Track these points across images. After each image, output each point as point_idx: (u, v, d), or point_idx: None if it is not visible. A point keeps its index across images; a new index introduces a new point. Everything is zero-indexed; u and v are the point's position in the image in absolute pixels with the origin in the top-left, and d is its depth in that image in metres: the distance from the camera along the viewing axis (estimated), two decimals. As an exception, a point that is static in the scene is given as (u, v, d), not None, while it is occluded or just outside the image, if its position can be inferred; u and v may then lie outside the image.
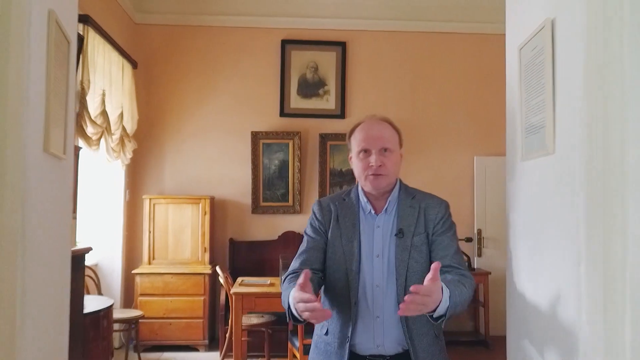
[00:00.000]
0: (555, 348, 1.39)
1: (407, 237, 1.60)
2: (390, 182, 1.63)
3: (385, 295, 1.58)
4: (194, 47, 4.99)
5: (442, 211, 1.62)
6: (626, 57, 1.01)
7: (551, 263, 1.39)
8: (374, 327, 1.58)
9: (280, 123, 5.01)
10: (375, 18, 5.01)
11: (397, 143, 1.65)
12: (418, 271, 1.56)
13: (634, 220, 0.97)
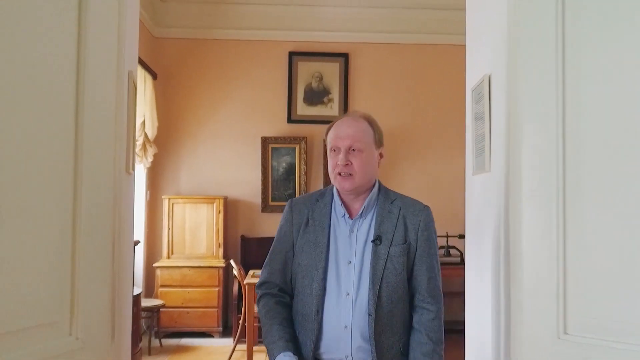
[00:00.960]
0: (494, 333, 1.84)
1: (385, 245, 1.53)
2: (359, 184, 1.55)
3: (355, 305, 1.52)
4: (208, 59, 5.48)
5: (423, 219, 1.56)
6: (527, 109, 1.47)
7: (488, 259, 1.86)
8: (342, 337, 1.53)
9: (288, 129, 5.50)
10: (376, 31, 5.46)
11: (372, 142, 1.58)
12: (393, 283, 1.52)
13: (529, 220, 1.44)
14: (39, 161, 1.20)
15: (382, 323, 1.52)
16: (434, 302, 1.54)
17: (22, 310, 1.16)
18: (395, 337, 1.54)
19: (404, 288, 1.55)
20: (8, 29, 1.13)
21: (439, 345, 1.53)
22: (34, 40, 1.19)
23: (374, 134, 1.59)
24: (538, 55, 1.41)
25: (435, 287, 1.56)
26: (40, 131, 1.20)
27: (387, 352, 1.53)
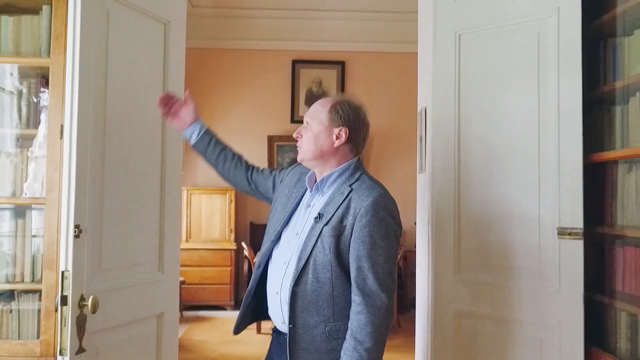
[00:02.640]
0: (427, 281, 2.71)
1: (322, 223, 1.56)
2: (304, 157, 1.67)
3: (286, 274, 1.59)
4: (221, 66, 6.38)
5: (366, 204, 1.53)
6: (437, 132, 2.35)
7: (425, 234, 2.73)
8: (275, 302, 1.62)
9: (291, 128, 6.38)
10: (369, 42, 6.33)
11: (324, 119, 1.63)
12: (320, 262, 1.54)
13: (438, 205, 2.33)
14: (146, 162, 2.12)
15: (306, 300, 1.54)
16: (359, 292, 1.50)
17: (138, 254, 2.09)
18: (320, 317, 1.54)
19: (333, 270, 1.53)
20: (131, 74, 2.05)
21: (362, 342, 1.47)
22: (143, 72, 2.11)
23: (333, 114, 1.63)
24: (445, 99, 2.31)
25: (364, 277, 1.50)
26: (146, 139, 2.13)
27: (309, 330, 1.54)
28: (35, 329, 2.10)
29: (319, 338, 1.55)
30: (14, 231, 2.20)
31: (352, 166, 1.67)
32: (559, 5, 2.05)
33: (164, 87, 2.23)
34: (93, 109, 1.87)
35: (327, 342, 1.55)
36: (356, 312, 1.50)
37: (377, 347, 1.49)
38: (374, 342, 1.48)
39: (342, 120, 1.65)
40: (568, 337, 2.02)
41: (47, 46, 2.11)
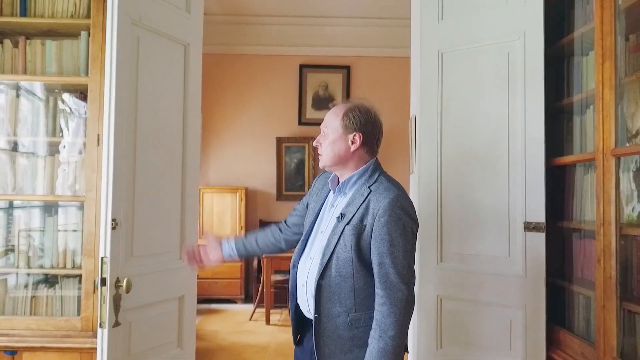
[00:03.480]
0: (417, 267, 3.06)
1: (343, 222, 1.70)
2: (326, 163, 1.80)
3: (312, 269, 1.75)
4: (232, 71, 6.76)
5: (383, 205, 1.65)
6: (424, 138, 2.70)
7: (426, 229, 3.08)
8: (302, 293, 1.80)
9: (299, 130, 6.76)
10: (373, 47, 6.66)
11: (338, 127, 1.76)
12: (342, 258, 1.68)
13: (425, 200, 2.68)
14: (169, 165, 2.50)
15: (329, 291, 1.69)
16: (382, 286, 1.63)
17: (163, 244, 2.47)
18: (342, 308, 1.68)
19: (354, 266, 1.67)
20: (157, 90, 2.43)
21: (386, 331, 1.60)
22: (167, 87, 2.49)
23: (346, 121, 1.76)
24: (430, 108, 2.67)
25: (386, 273, 1.63)
26: (169, 145, 2.50)
27: (333, 320, 1.69)
28: (76, 307, 2.50)
29: (341, 326, 1.69)
30: (54, 225, 2.60)
31: (371, 168, 1.80)
32: (525, 30, 2.39)
33: (184, 99, 2.60)
34: (126, 121, 2.25)
35: (349, 330, 1.69)
36: (380, 304, 1.64)
37: (400, 334, 1.62)
38: (397, 330, 1.62)
39: (355, 126, 1.76)
40: (533, 316, 2.37)
41: (85, 66, 2.50)
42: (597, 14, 2.04)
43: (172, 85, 2.55)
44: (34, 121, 2.61)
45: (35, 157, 2.61)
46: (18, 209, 2.72)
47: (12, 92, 2.60)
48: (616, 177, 1.95)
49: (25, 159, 2.62)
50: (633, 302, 1.95)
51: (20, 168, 2.60)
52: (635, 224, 1.95)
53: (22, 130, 2.60)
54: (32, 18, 2.55)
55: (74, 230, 2.57)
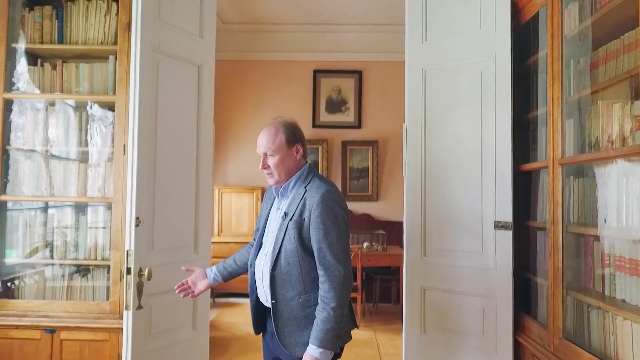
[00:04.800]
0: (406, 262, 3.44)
1: (287, 219, 1.98)
2: (279, 179, 2.03)
3: (265, 263, 2.03)
4: (247, 77, 7.19)
5: (317, 200, 1.92)
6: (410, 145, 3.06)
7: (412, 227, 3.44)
8: (259, 284, 2.07)
9: (313, 133, 7.16)
10: (384, 52, 7.01)
11: (280, 145, 1.98)
12: (289, 249, 1.96)
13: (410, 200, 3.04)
14: (184, 171, 2.93)
15: (281, 279, 1.98)
16: (322, 267, 1.91)
17: (179, 239, 2.89)
18: (294, 292, 1.96)
19: (299, 254, 1.96)
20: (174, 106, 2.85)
21: (328, 303, 1.88)
22: (182, 103, 2.91)
23: (283, 137, 1.99)
24: (415, 120, 3.03)
25: (324, 256, 1.91)
26: (184, 153, 2.93)
27: (287, 303, 1.97)
28: (105, 293, 2.94)
29: (295, 308, 1.96)
30: (86, 223, 3.05)
31: (306, 171, 2.06)
32: (495, 52, 2.74)
33: (198, 112, 3.02)
34: (148, 133, 2.67)
35: (302, 310, 1.96)
36: (321, 282, 1.92)
37: (340, 305, 1.89)
38: (337, 302, 1.88)
39: (294, 138, 2.02)
40: (502, 304, 2.72)
41: (113, 86, 2.94)
42: (549, 42, 2.38)
43: (187, 101, 2.97)
44: (68, 132, 3.06)
45: (69, 163, 3.06)
46: (53, 209, 3.17)
47: (51, 107, 3.06)
48: (562, 183, 2.29)
49: (61, 165, 3.06)
50: (579, 291, 2.28)
51: (57, 173, 3.05)
52: (578, 223, 2.29)
53: (58, 139, 3.05)
54: (68, 45, 3.00)
55: (102, 227, 3.01)
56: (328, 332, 1.87)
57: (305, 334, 1.95)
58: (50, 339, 2.83)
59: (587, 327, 2.21)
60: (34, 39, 3.00)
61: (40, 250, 3.09)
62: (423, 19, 3.01)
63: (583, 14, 2.29)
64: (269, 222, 2.13)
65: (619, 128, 2.05)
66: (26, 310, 2.89)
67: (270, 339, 2.09)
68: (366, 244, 6.14)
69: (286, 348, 1.98)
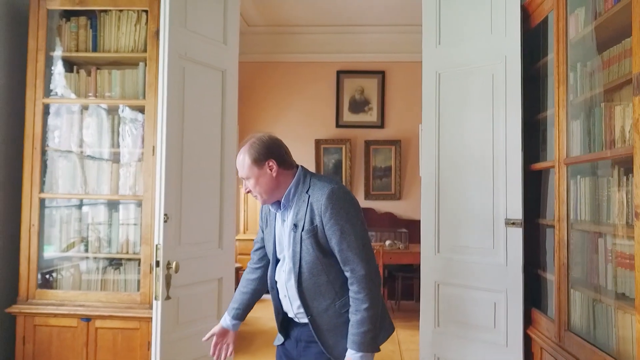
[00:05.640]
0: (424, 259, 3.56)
1: (299, 231, 1.91)
2: (267, 198, 1.97)
3: (289, 279, 1.97)
4: (273, 77, 7.39)
5: (323, 202, 1.86)
6: (425, 145, 3.20)
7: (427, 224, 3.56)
8: (285, 303, 2.03)
9: (336, 132, 7.32)
10: (407, 52, 7.11)
11: (249, 168, 1.93)
12: (310, 260, 1.91)
13: (426, 198, 3.17)
14: (209, 170, 3.12)
15: (311, 291, 1.94)
16: (347, 269, 1.88)
17: (205, 234, 3.09)
18: (327, 300, 1.93)
19: (322, 262, 1.92)
20: (199, 109, 3.05)
21: (360, 305, 1.85)
22: (207, 107, 3.10)
23: (249, 159, 1.93)
24: (430, 121, 3.16)
25: (346, 257, 1.87)
26: (209, 153, 3.12)
27: (324, 313, 1.94)
28: (135, 285, 3.16)
29: (333, 316, 1.93)
30: (118, 219, 3.27)
31: (301, 177, 1.99)
32: (505, 55, 2.86)
33: (222, 115, 3.21)
34: (175, 135, 2.87)
35: (340, 317, 1.93)
36: (350, 284, 1.89)
37: (372, 305, 1.86)
38: (369, 302, 1.85)
39: (263, 156, 1.93)
40: (512, 299, 2.83)
41: (143, 90, 3.16)
42: (555, 46, 2.49)
43: (212, 104, 3.16)
44: (101, 134, 3.29)
45: (102, 162, 3.29)
46: (88, 206, 3.41)
47: (85, 111, 3.29)
48: (567, 182, 2.40)
49: (95, 165, 3.29)
50: (584, 285, 2.39)
51: (91, 172, 3.28)
52: (584, 221, 2.40)
53: (91, 141, 3.28)
54: (101, 53, 3.24)
55: (133, 223, 3.23)
56: (365, 335, 1.84)
57: None
58: (86, 327, 3.06)
59: (592, 320, 2.32)
60: (70, 48, 3.24)
61: (76, 245, 3.33)
62: (437, 24, 3.15)
63: (588, 19, 2.39)
64: (279, 238, 2.06)
65: (620, 129, 2.16)
66: (64, 300, 3.13)
67: (294, 346, 2.08)
68: (388, 242, 6.27)
69: (337, 358, 1.95)
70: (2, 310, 3.11)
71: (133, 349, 3.04)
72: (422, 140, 3.30)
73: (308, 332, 2.00)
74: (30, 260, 3.13)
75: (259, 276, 2.24)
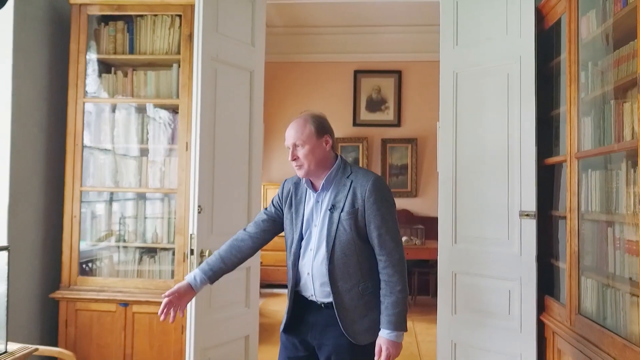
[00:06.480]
0: None
1: (337, 212, 2.00)
2: (309, 169, 2.04)
3: (316, 257, 2.04)
4: (291, 77, 7.59)
5: (368, 188, 1.98)
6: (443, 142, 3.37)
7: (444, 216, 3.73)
8: (307, 281, 2.07)
9: (353, 131, 7.50)
10: (423, 52, 7.27)
11: (310, 136, 2.02)
12: (344, 240, 2.00)
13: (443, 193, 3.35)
14: (238, 165, 3.32)
15: (339, 271, 2.02)
16: (383, 252, 2.00)
17: (234, 225, 3.29)
18: (352, 282, 2.02)
19: (355, 244, 2.02)
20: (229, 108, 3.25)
21: (395, 287, 1.98)
22: (237, 106, 3.31)
23: (313, 128, 2.04)
24: (447, 119, 3.34)
25: (384, 240, 1.99)
26: (239, 150, 3.32)
27: (347, 293, 2.02)
28: (169, 272, 3.38)
29: (355, 297, 2.03)
30: (154, 211, 3.49)
31: (342, 163, 2.11)
32: (520, 55, 3.02)
33: (250, 113, 3.41)
34: (208, 132, 3.07)
35: (361, 299, 2.03)
36: (383, 267, 2.01)
37: (404, 287, 2.01)
38: (402, 284, 2.00)
39: (322, 130, 2.07)
40: (526, 287, 3.00)
41: (176, 90, 3.37)
42: (567, 47, 2.66)
43: (241, 103, 3.36)
44: (136, 131, 3.51)
45: (138, 158, 3.51)
46: (124, 199, 3.63)
47: (122, 110, 3.52)
48: (578, 174, 2.56)
49: (131, 160, 3.52)
50: (594, 271, 2.55)
51: (128, 167, 3.51)
52: (593, 211, 2.56)
53: (128, 138, 3.51)
54: (138, 55, 3.46)
55: (168, 215, 3.45)
56: (399, 315, 1.97)
57: (365, 321, 2.05)
58: (124, 312, 3.28)
59: (601, 304, 2.48)
60: (108, 50, 3.47)
61: (114, 235, 3.55)
62: (454, 27, 3.31)
63: (598, 21, 2.55)
64: (307, 217, 2.12)
65: (629, 125, 2.31)
66: (103, 287, 3.35)
67: (309, 330, 2.11)
68: (405, 238, 6.43)
69: (351, 337, 2.03)
70: (46, 296, 3.35)
71: (167, 332, 3.26)
72: (439, 136, 3.47)
73: (326, 316, 2.06)
74: (72, 248, 3.36)
75: (251, 245, 2.27)
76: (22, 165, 3.21)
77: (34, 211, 3.33)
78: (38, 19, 3.33)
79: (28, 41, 3.23)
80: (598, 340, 2.33)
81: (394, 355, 1.98)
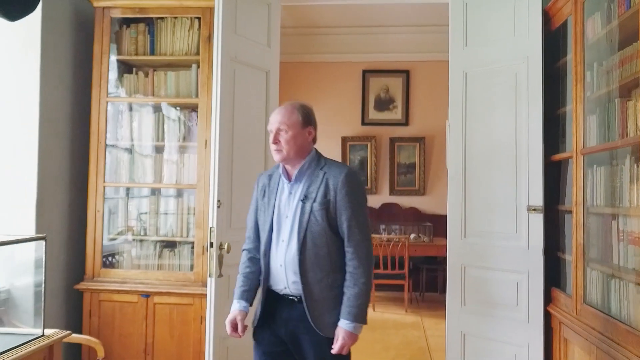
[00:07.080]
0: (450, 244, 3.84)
1: (309, 202, 2.02)
2: (287, 155, 2.06)
3: (288, 249, 2.05)
4: (300, 77, 7.71)
5: (341, 180, 2.00)
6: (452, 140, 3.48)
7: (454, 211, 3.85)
8: (279, 273, 2.07)
9: (362, 130, 7.62)
10: (431, 52, 7.38)
11: (295, 123, 2.05)
12: (315, 231, 2.02)
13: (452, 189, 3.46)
14: (255, 162, 3.45)
15: (309, 262, 2.04)
16: (351, 244, 2.03)
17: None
18: (322, 273, 2.03)
19: (327, 235, 2.04)
20: (247, 107, 3.38)
21: (359, 279, 2.00)
22: (254, 104, 3.43)
23: (300, 116, 2.09)
24: (457, 117, 3.45)
25: (353, 232, 2.02)
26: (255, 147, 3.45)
27: (316, 285, 2.03)
28: (189, 265, 3.51)
29: (325, 289, 2.05)
30: (174, 206, 3.62)
31: (316, 155, 2.16)
32: (528, 55, 3.14)
33: (266, 111, 3.53)
34: (227, 130, 3.20)
35: (330, 291, 2.06)
36: (350, 259, 2.05)
37: (368, 280, 2.04)
38: (366, 277, 2.03)
39: (309, 120, 2.14)
40: (534, 279, 3.11)
41: (196, 90, 3.50)
42: (572, 48, 2.77)
43: (257, 102, 3.49)
44: (157, 130, 3.64)
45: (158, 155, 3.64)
46: (145, 194, 3.77)
47: (143, 109, 3.66)
48: (584, 170, 2.68)
49: (153, 157, 3.66)
50: (599, 262, 2.66)
51: (151, 164, 3.65)
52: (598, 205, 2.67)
53: (148, 135, 3.65)
54: (158, 56, 3.60)
55: (187, 210, 3.58)
56: (360, 307, 2.01)
57: (334, 314, 2.05)
58: (146, 302, 3.41)
59: (606, 293, 2.59)
60: (129, 51, 3.61)
61: (133, 230, 3.69)
62: (464, 28, 3.43)
63: (603, 23, 2.67)
64: (280, 208, 2.15)
65: (632, 122, 2.43)
66: (125, 278, 3.49)
67: (282, 325, 2.12)
68: (413, 235, 6.55)
69: (319, 330, 2.04)
70: (71, 287, 3.49)
71: (187, 322, 3.39)
72: (449, 134, 3.58)
73: (299, 310, 2.07)
74: (95, 242, 3.50)
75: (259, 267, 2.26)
76: (49, 163, 3.35)
77: (60, 207, 3.48)
78: (64, 22, 3.47)
79: (54, 43, 3.37)
80: (602, 328, 2.44)
81: (348, 345, 2.00)
